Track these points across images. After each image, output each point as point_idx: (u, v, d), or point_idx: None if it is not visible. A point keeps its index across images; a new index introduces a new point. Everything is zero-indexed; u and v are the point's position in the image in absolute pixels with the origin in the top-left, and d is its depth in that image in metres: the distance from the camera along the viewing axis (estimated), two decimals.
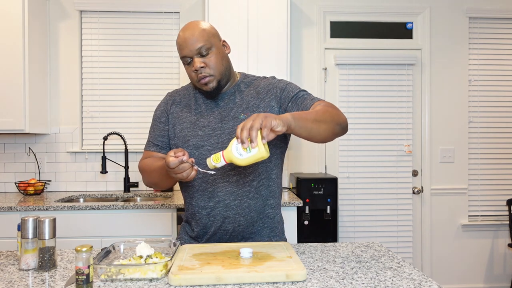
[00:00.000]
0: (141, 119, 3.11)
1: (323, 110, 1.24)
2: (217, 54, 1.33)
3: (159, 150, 1.44)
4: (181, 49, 1.32)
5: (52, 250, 1.16)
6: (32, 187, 2.80)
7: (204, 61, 1.31)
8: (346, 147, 3.17)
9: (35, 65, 2.81)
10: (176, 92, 1.49)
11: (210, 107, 1.39)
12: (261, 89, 1.40)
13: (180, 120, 1.41)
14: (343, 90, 3.17)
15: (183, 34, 1.32)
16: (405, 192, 3.19)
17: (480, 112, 3.28)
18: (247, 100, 1.38)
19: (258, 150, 1.07)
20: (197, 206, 1.38)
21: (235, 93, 1.40)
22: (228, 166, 1.32)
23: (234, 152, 1.09)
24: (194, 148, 1.35)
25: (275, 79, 1.44)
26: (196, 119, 1.38)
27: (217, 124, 1.36)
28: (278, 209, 1.46)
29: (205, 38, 1.31)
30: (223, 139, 1.34)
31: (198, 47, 1.29)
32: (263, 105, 1.36)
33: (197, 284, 1.00)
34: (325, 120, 1.21)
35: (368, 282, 1.03)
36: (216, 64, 1.32)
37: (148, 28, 3.11)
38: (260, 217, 1.39)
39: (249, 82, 1.43)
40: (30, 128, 2.70)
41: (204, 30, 1.32)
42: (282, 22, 2.79)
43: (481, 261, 3.27)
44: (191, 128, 1.38)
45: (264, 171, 1.36)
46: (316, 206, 2.74)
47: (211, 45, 1.32)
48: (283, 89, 1.38)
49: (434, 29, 3.24)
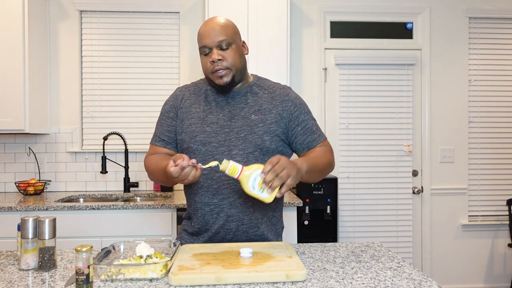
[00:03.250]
0: (141, 119, 3.11)
1: (327, 159, 1.37)
2: (236, 50, 1.35)
3: (165, 145, 1.45)
4: (202, 39, 1.33)
5: (52, 250, 1.16)
6: (32, 187, 2.80)
7: (223, 54, 1.32)
8: (346, 147, 3.17)
9: (35, 65, 2.81)
10: (186, 87, 1.49)
11: (220, 105, 1.40)
12: (277, 96, 1.41)
13: (189, 115, 1.41)
14: (343, 90, 3.17)
15: (207, 24, 1.34)
16: (405, 192, 3.19)
17: (480, 112, 3.28)
18: (260, 103, 1.39)
19: (268, 197, 1.13)
20: (201, 202, 1.38)
21: (247, 94, 1.41)
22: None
23: (250, 181, 1.12)
24: (201, 144, 1.35)
25: (291, 90, 1.46)
26: (204, 116, 1.39)
27: (226, 122, 1.36)
28: (279, 212, 1.48)
29: (228, 33, 1.33)
30: (231, 137, 1.34)
31: (219, 40, 1.31)
32: (275, 112, 1.38)
33: (197, 284, 1.00)
34: (326, 170, 1.37)
35: (368, 282, 1.03)
36: (234, 60, 1.34)
37: (148, 28, 3.11)
38: (264, 220, 1.39)
39: (263, 85, 1.44)
40: (30, 128, 2.70)
41: (228, 26, 1.35)
42: (282, 22, 2.79)
43: (481, 261, 3.27)
44: (199, 124, 1.38)
45: None
46: (316, 206, 2.74)
47: (232, 41, 1.34)
48: (298, 107, 1.41)
49: (434, 29, 3.24)
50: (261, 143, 1.34)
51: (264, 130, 1.35)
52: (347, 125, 3.17)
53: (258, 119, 1.36)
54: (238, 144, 1.34)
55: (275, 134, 1.36)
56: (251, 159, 1.33)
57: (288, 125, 1.39)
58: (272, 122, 1.36)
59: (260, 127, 1.35)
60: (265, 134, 1.35)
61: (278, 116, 1.37)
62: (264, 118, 1.36)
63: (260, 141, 1.34)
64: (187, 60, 3.11)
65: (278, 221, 1.47)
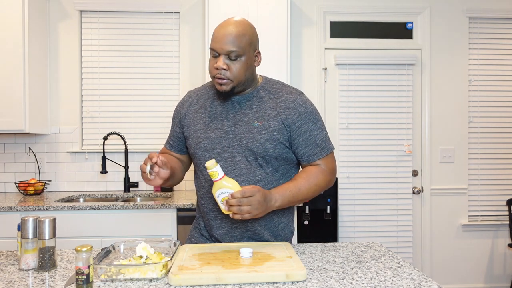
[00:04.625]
0: (141, 119, 3.11)
1: (317, 182, 1.34)
2: (244, 63, 1.29)
3: (170, 148, 1.50)
4: (214, 42, 1.29)
5: (52, 250, 1.16)
6: (32, 187, 2.80)
7: (229, 64, 1.28)
8: (346, 147, 3.17)
9: (35, 65, 2.81)
10: (194, 92, 1.48)
11: (226, 110, 1.37)
12: (282, 102, 1.34)
13: (195, 121, 1.40)
14: (343, 90, 3.17)
15: (222, 29, 1.28)
16: (405, 192, 3.19)
17: (480, 112, 3.28)
18: (264, 109, 1.34)
19: (225, 210, 1.20)
20: (206, 207, 1.40)
21: (253, 99, 1.36)
22: (239, 175, 1.33)
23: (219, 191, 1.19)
24: (205, 150, 1.35)
25: (299, 96, 1.37)
26: (209, 121, 1.37)
27: (230, 127, 1.34)
28: (286, 217, 1.43)
29: (240, 45, 1.27)
30: (234, 144, 1.32)
31: (229, 50, 1.26)
32: (278, 119, 1.32)
33: (197, 284, 1.00)
34: (315, 193, 1.35)
35: (368, 282, 1.03)
36: (238, 72, 1.28)
37: (148, 28, 3.11)
38: (268, 226, 1.38)
39: (270, 89, 1.38)
40: (30, 128, 2.70)
41: (243, 36, 1.28)
42: (282, 22, 2.79)
43: (481, 261, 3.27)
44: (204, 130, 1.37)
45: (273, 180, 1.35)
46: (316, 206, 2.74)
47: (243, 54, 1.28)
48: (302, 117, 1.33)
49: (434, 29, 3.24)
50: (262, 151, 1.31)
51: (266, 138, 1.31)
52: (347, 125, 3.17)
53: (260, 126, 1.31)
54: (241, 152, 1.32)
55: (279, 142, 1.32)
56: (254, 166, 1.32)
57: (290, 135, 1.33)
58: (275, 130, 1.31)
59: (262, 134, 1.31)
60: (267, 141, 1.30)
61: (281, 124, 1.32)
62: (267, 125, 1.31)
63: (262, 149, 1.30)
64: (187, 60, 3.11)
65: (286, 227, 1.43)
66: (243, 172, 1.32)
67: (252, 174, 1.32)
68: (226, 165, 1.32)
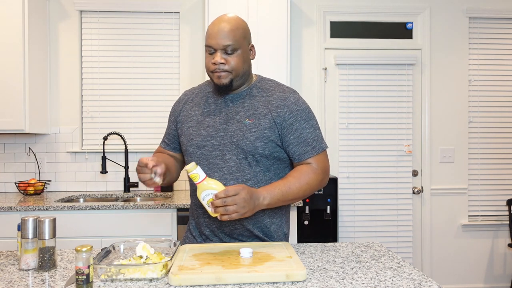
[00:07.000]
0: (141, 119, 3.11)
1: (308, 181, 1.30)
2: (241, 56, 1.31)
3: (165, 147, 1.52)
4: (209, 38, 1.30)
5: (52, 250, 1.16)
6: (32, 187, 2.80)
7: (226, 58, 1.29)
8: (346, 147, 3.17)
9: (35, 65, 2.81)
10: (191, 91, 1.50)
11: (219, 108, 1.38)
12: (274, 99, 1.34)
13: (188, 118, 1.41)
14: (343, 90, 3.17)
15: (216, 25, 1.30)
16: (405, 192, 3.19)
17: (480, 112, 3.28)
18: (256, 106, 1.34)
19: (212, 212, 1.18)
20: (196, 205, 1.41)
21: (245, 97, 1.37)
22: (228, 173, 1.32)
23: (203, 193, 1.16)
24: (197, 147, 1.36)
25: (292, 94, 1.36)
26: (202, 119, 1.38)
27: (222, 125, 1.34)
28: (279, 218, 1.41)
29: (235, 38, 1.29)
30: (225, 141, 1.33)
31: (225, 44, 1.28)
32: (269, 117, 1.32)
33: (197, 284, 1.00)
34: (306, 193, 1.32)
35: (368, 282, 1.03)
36: (236, 65, 1.30)
37: (148, 28, 3.11)
38: (258, 225, 1.36)
39: (263, 88, 1.38)
40: (30, 128, 2.70)
41: (237, 30, 1.30)
42: (282, 22, 2.79)
43: (481, 261, 3.27)
44: (196, 127, 1.38)
45: (263, 179, 1.34)
46: (316, 206, 2.74)
47: (239, 47, 1.30)
48: (293, 114, 1.33)
49: (434, 29, 3.24)
50: (252, 149, 1.30)
51: (256, 136, 1.30)
52: (347, 125, 3.17)
53: (251, 124, 1.31)
54: (231, 149, 1.32)
55: (270, 140, 1.31)
56: (244, 165, 1.32)
57: (281, 132, 1.32)
58: (265, 128, 1.31)
59: (252, 132, 1.30)
60: (257, 140, 1.30)
61: (272, 122, 1.31)
62: (257, 123, 1.31)
63: (252, 147, 1.30)
64: (187, 60, 3.11)
65: (278, 228, 1.40)
66: (232, 170, 1.32)
67: (241, 172, 1.32)
68: (217, 163, 1.33)
